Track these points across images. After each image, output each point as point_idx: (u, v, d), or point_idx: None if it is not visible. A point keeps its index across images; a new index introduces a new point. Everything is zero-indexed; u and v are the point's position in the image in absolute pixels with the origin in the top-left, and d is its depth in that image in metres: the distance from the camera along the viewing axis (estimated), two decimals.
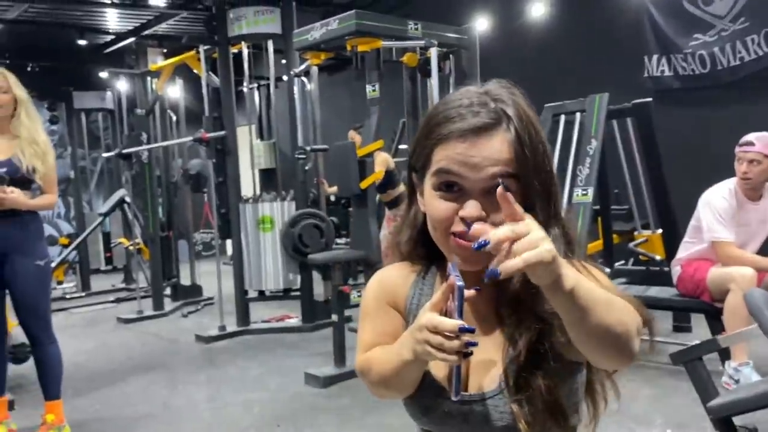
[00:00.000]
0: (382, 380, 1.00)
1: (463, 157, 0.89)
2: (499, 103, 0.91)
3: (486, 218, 0.88)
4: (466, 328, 0.81)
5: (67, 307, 7.29)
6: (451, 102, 0.93)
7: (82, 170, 10.30)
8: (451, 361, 0.82)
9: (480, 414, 0.93)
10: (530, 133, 0.90)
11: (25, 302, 3.14)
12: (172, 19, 8.21)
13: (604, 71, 6.07)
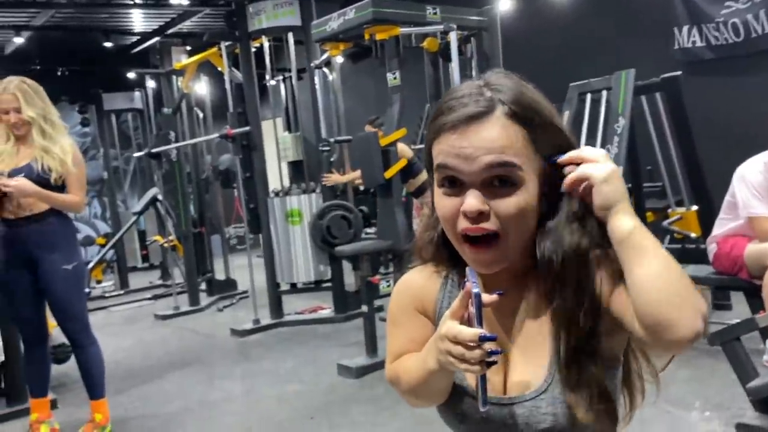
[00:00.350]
0: (411, 390, 0.98)
1: (456, 150, 0.85)
2: (495, 91, 0.87)
3: (488, 211, 0.84)
4: (487, 337, 0.77)
5: (107, 305, 7.46)
6: (449, 95, 0.90)
7: (116, 170, 10.49)
8: (473, 371, 0.79)
9: (521, 416, 0.89)
10: (533, 113, 0.87)
11: (58, 306, 3.20)
12: (195, 17, 8.28)
13: (631, 47, 5.92)
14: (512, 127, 0.85)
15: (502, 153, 0.84)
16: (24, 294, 3.17)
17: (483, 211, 0.84)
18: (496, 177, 0.85)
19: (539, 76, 0.95)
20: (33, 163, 3.07)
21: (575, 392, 0.86)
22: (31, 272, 3.15)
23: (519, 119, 0.85)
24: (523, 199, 0.85)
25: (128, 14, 8.56)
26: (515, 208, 0.85)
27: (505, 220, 0.85)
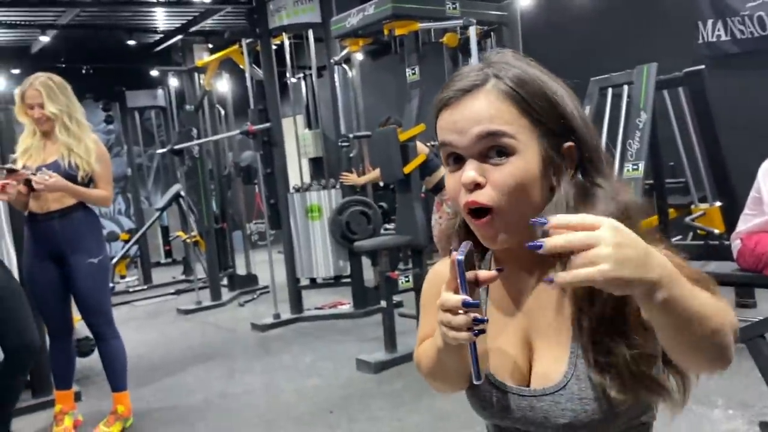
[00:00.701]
0: (429, 372, 0.99)
1: (450, 124, 0.86)
2: (492, 67, 0.87)
3: (484, 183, 0.83)
4: (470, 303, 0.76)
5: (130, 300, 7.56)
6: (453, 75, 0.91)
7: (139, 167, 10.64)
8: (461, 338, 0.78)
9: (540, 410, 0.87)
10: (532, 86, 0.85)
11: (84, 300, 3.25)
12: (217, 15, 8.35)
13: (654, 41, 5.84)
14: (502, 98, 0.84)
15: (490, 123, 0.83)
16: (50, 287, 3.22)
17: (478, 182, 0.83)
18: (490, 148, 0.84)
19: (559, 70, 0.94)
20: (60, 159, 3.13)
21: (602, 374, 0.81)
22: (57, 266, 3.21)
23: (511, 90, 0.84)
24: (518, 167, 0.83)
25: (151, 12, 8.67)
26: (510, 177, 0.83)
27: (501, 190, 0.83)
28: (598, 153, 0.88)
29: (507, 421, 0.92)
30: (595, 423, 0.84)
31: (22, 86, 3.16)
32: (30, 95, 3.11)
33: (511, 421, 0.91)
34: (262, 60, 5.78)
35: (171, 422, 3.50)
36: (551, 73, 0.90)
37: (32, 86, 3.11)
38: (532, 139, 0.84)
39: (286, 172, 5.81)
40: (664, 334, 0.75)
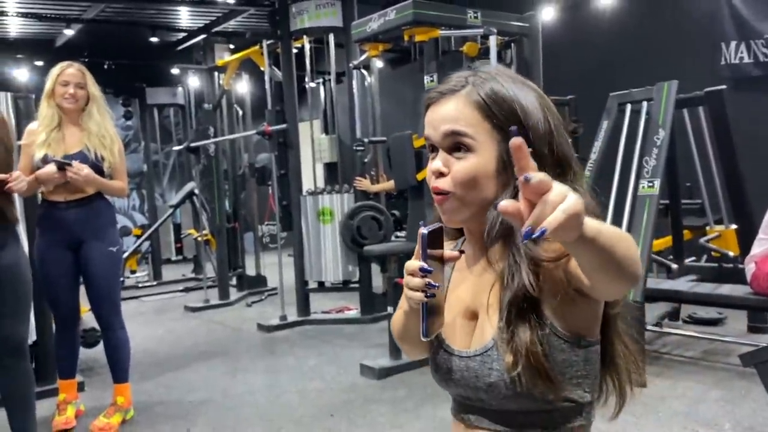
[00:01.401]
0: (398, 335, 1.14)
1: (429, 120, 1.02)
2: (475, 76, 1.01)
3: (447, 172, 0.98)
4: (425, 269, 0.91)
5: (139, 295, 7.60)
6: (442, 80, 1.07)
7: (155, 164, 10.70)
8: (416, 297, 0.92)
9: (473, 369, 1.00)
10: (498, 97, 0.97)
11: (99, 288, 3.26)
12: (239, 16, 8.42)
13: (676, 60, 5.82)
14: (471, 104, 0.98)
15: (454, 123, 0.98)
16: (63, 276, 3.23)
17: (442, 171, 0.99)
18: (455, 143, 0.99)
19: (579, 85, 1.01)
20: (85, 150, 3.15)
21: (509, 350, 0.94)
22: (73, 254, 3.22)
23: (480, 98, 0.98)
24: (473, 164, 0.97)
25: (176, 11, 8.76)
26: (465, 171, 0.98)
27: (457, 179, 0.98)
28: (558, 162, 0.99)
29: (451, 384, 1.04)
30: (515, 387, 0.94)
31: (58, 67, 3.18)
32: (71, 74, 3.15)
33: (454, 384, 1.03)
34: (281, 62, 5.81)
35: (172, 417, 3.50)
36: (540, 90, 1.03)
37: (74, 66, 3.18)
38: (491, 141, 0.98)
39: (299, 174, 5.82)
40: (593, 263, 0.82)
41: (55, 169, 3.02)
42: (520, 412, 0.97)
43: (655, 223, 3.78)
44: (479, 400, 1.01)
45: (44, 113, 3.17)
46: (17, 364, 2.71)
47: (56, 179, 3.05)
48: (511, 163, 0.89)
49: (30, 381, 2.79)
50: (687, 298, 4.08)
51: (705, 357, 4.06)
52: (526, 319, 0.93)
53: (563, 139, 1.01)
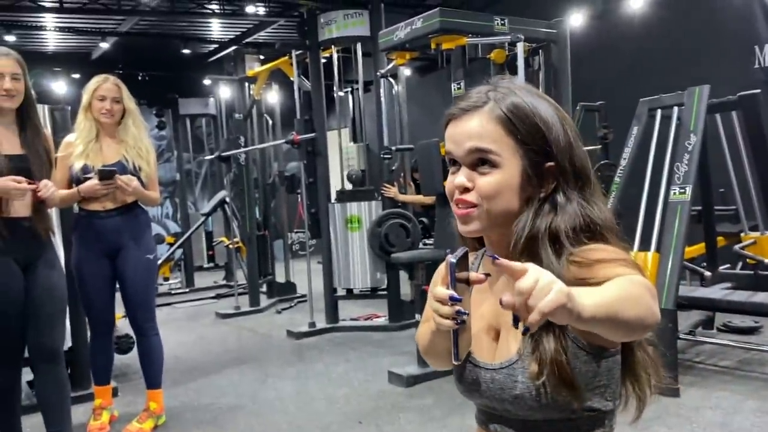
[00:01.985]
0: (425, 349, 1.17)
1: (452, 135, 1.04)
2: (495, 92, 1.03)
3: (472, 187, 1.01)
4: (455, 298, 0.91)
5: (172, 302, 7.71)
6: (461, 95, 1.11)
7: (188, 173, 10.87)
8: (446, 325, 0.92)
9: (498, 382, 1.02)
10: (521, 113, 1.00)
11: (135, 294, 3.32)
12: (269, 27, 8.54)
13: (708, 63, 5.72)
14: (494, 120, 1.01)
15: (479, 140, 1.00)
16: (101, 285, 3.30)
17: (467, 186, 1.01)
18: (479, 159, 1.01)
19: (609, 90, 1.03)
20: (123, 161, 3.22)
21: (534, 359, 0.96)
22: (110, 263, 3.28)
23: (503, 114, 1.00)
24: (497, 179, 1.00)
25: (207, 23, 8.93)
26: (490, 185, 1.00)
27: (482, 193, 1.01)
28: (577, 174, 1.03)
29: (476, 395, 1.06)
30: (541, 398, 0.96)
31: (95, 82, 3.25)
32: (108, 88, 3.22)
33: (479, 395, 1.06)
34: (310, 71, 5.88)
35: (202, 423, 3.54)
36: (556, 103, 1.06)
37: (110, 81, 3.25)
38: (514, 156, 1.00)
39: (328, 182, 5.86)
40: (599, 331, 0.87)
41: (97, 181, 3.09)
42: (545, 421, 1.00)
43: (687, 230, 3.71)
44: (505, 410, 1.03)
45: (82, 125, 3.25)
46: (53, 370, 2.77)
47: (98, 191, 3.12)
48: (534, 177, 1.02)
49: (65, 386, 2.85)
50: (721, 306, 4.00)
51: (740, 366, 3.97)
52: (549, 330, 0.94)
53: (582, 151, 1.05)
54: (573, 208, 1.01)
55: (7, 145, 2.69)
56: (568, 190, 1.02)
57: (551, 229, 0.99)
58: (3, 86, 2.64)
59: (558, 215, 1.00)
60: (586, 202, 1.03)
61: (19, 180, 2.60)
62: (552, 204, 1.02)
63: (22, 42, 8.59)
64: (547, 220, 1.00)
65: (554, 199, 1.02)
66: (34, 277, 2.73)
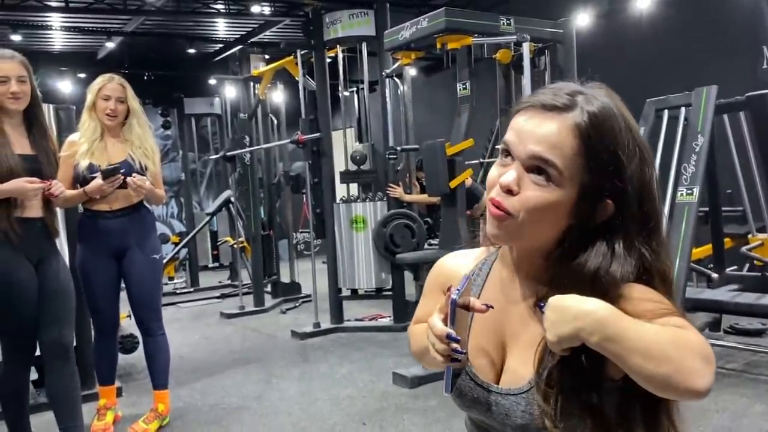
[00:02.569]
0: (415, 353, 1.15)
1: (518, 128, 0.91)
2: (585, 99, 0.89)
3: (517, 192, 0.89)
4: (452, 337, 0.87)
5: (177, 301, 7.72)
6: (551, 84, 0.96)
7: (193, 173, 10.90)
8: (439, 361, 0.89)
9: (503, 407, 0.95)
10: (605, 135, 0.87)
11: (141, 294, 3.32)
12: (275, 27, 8.54)
13: (716, 64, 5.68)
14: (572, 134, 0.87)
15: (548, 150, 0.87)
16: (106, 285, 3.29)
17: (512, 189, 0.89)
18: (537, 166, 0.88)
19: (615, 91, 0.96)
20: (129, 160, 3.21)
21: (548, 403, 0.87)
22: (115, 262, 3.28)
23: (583, 132, 0.87)
24: (549, 197, 0.88)
25: (213, 23, 8.93)
26: (538, 201, 0.88)
27: (526, 206, 0.88)
28: (645, 220, 0.91)
29: (474, 411, 1.00)
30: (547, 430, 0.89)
31: (99, 81, 3.24)
32: (113, 88, 3.21)
33: (477, 412, 0.99)
34: (315, 70, 5.86)
35: (206, 423, 3.54)
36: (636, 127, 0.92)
37: (114, 80, 3.24)
38: (575, 179, 0.88)
39: (333, 182, 5.85)
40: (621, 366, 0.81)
41: (102, 181, 3.08)
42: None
43: (695, 231, 3.69)
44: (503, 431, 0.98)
45: (86, 125, 3.23)
46: (66, 367, 2.80)
47: (104, 190, 3.11)
48: (586, 208, 0.89)
49: (77, 382, 2.87)
50: (728, 308, 3.97)
51: (747, 369, 3.94)
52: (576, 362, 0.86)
53: (654, 193, 0.92)
54: (632, 257, 0.89)
55: (18, 146, 2.72)
56: (630, 235, 0.90)
57: (602, 274, 0.87)
58: (9, 89, 2.68)
59: (613, 261, 0.88)
60: (649, 251, 0.90)
61: (32, 180, 2.66)
62: (609, 246, 0.89)
63: (29, 41, 8.62)
64: (597, 262, 0.88)
65: (612, 242, 0.89)
66: (46, 275, 2.77)
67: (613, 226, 0.90)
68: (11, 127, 2.73)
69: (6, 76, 2.68)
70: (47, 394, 2.88)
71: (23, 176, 2.64)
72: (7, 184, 2.61)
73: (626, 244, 0.89)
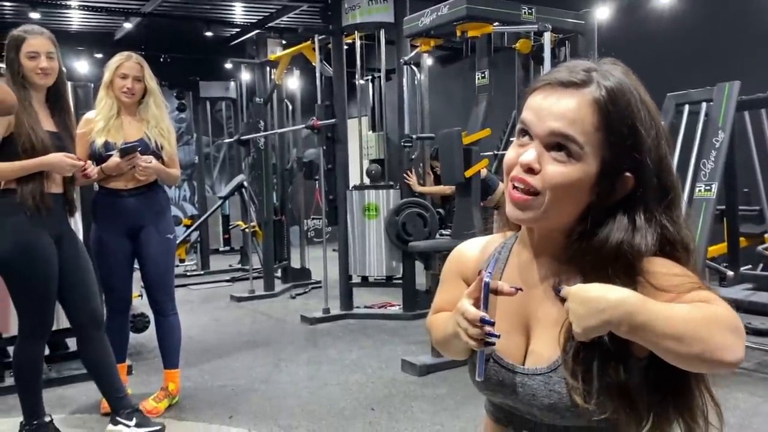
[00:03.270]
0: (437, 343, 1.09)
1: (536, 107, 0.90)
2: (601, 74, 0.90)
3: (538, 170, 0.89)
4: (486, 320, 0.87)
5: (187, 283, 7.76)
6: (565, 63, 0.96)
7: (207, 156, 10.91)
8: (472, 346, 0.89)
9: (530, 388, 0.94)
10: (623, 108, 0.88)
11: (155, 274, 3.33)
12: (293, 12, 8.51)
13: (739, 60, 5.61)
14: (591, 109, 0.87)
15: (568, 125, 0.87)
16: (120, 263, 3.30)
17: (533, 167, 0.89)
18: (557, 144, 0.88)
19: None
20: (146, 139, 3.21)
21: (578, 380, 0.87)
22: (130, 241, 3.29)
23: (602, 106, 0.87)
24: (572, 172, 0.88)
25: (230, 6, 8.91)
26: (561, 177, 0.88)
27: (549, 183, 0.88)
28: (664, 191, 0.92)
29: (499, 395, 0.99)
30: (576, 410, 0.89)
31: (117, 59, 3.23)
32: (130, 67, 3.21)
33: (503, 395, 0.98)
34: (332, 57, 5.84)
35: (214, 404, 3.55)
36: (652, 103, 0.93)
37: (132, 59, 3.23)
38: (597, 154, 0.88)
39: (346, 169, 5.84)
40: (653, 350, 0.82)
41: (119, 159, 3.08)
42: (571, 427, 0.94)
43: (711, 228, 3.65)
44: (530, 414, 0.97)
45: (103, 102, 3.24)
46: (101, 336, 2.93)
47: (121, 168, 3.12)
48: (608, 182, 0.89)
49: (110, 349, 2.98)
50: (742, 307, 3.93)
51: (759, 369, 3.91)
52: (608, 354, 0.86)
53: (671, 166, 0.93)
54: (653, 229, 0.90)
55: (45, 122, 2.75)
56: (651, 207, 0.90)
57: (625, 247, 0.88)
58: (39, 65, 2.70)
59: (636, 234, 0.88)
60: (670, 221, 0.91)
61: (71, 156, 2.73)
62: (630, 219, 0.89)
63: (47, 20, 8.62)
64: (620, 235, 0.88)
65: (632, 215, 0.89)
66: (69, 250, 2.85)
67: (633, 200, 0.90)
68: (38, 103, 2.76)
69: (36, 51, 2.70)
70: (86, 365, 3.00)
71: (53, 152, 2.68)
72: (48, 157, 2.67)
73: (647, 216, 0.90)
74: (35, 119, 2.69)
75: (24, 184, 2.66)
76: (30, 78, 2.72)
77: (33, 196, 2.66)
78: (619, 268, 0.86)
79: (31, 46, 2.70)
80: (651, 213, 0.90)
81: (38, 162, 2.65)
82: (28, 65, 2.71)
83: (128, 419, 2.94)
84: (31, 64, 2.70)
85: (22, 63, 2.70)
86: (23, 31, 2.75)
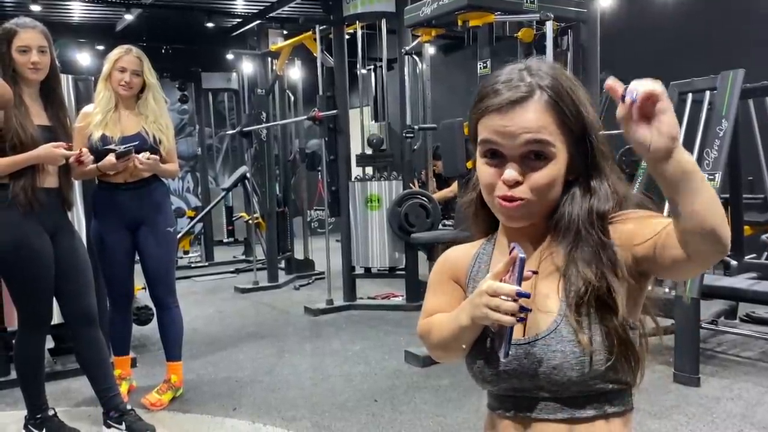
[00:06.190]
0: (440, 343, 1.12)
1: (500, 128, 0.98)
2: (535, 77, 0.99)
3: (523, 181, 0.98)
4: (523, 293, 0.90)
5: (191, 275, 7.78)
6: (493, 78, 1.02)
7: (209, 148, 10.90)
8: (505, 321, 0.91)
9: (534, 356, 1.00)
10: (567, 100, 0.98)
11: (157, 267, 3.34)
12: (294, 2, 8.46)
13: (743, 48, 5.56)
14: (548, 110, 0.97)
15: (538, 132, 0.97)
16: (121, 257, 3.31)
17: (518, 180, 0.98)
18: (532, 152, 0.98)
19: (638, 73, 0.99)
20: (143, 133, 3.21)
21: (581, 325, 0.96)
22: (130, 235, 3.30)
23: (553, 105, 0.98)
24: (553, 171, 0.99)
25: None
26: (546, 179, 0.98)
27: (535, 188, 0.98)
28: (604, 152, 1.03)
29: (505, 378, 1.02)
30: (581, 366, 0.96)
31: (116, 52, 3.22)
32: (129, 60, 3.20)
33: (508, 377, 1.01)
34: (333, 47, 5.81)
35: (218, 395, 3.57)
36: (573, 76, 1.04)
37: (132, 53, 3.22)
38: (564, 145, 0.99)
39: (349, 160, 5.83)
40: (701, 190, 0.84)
41: (115, 160, 3.08)
42: (579, 396, 0.99)
43: None
44: (535, 387, 1.01)
45: (101, 95, 3.23)
46: (93, 334, 2.89)
47: (117, 167, 3.12)
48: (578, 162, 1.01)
49: (104, 347, 2.96)
50: (746, 296, 3.92)
51: (763, 358, 3.91)
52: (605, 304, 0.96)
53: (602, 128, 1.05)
54: (606, 188, 1.02)
55: (37, 117, 2.72)
56: (595, 171, 1.03)
57: (592, 211, 1.00)
58: (30, 59, 2.68)
59: (594, 197, 1.01)
60: (617, 178, 1.03)
61: (59, 145, 2.69)
62: (586, 186, 1.02)
63: (47, 12, 8.59)
64: (586, 203, 1.01)
65: (587, 181, 1.02)
66: (64, 248, 2.82)
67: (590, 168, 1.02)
68: (29, 98, 2.74)
69: (27, 45, 2.68)
70: (78, 362, 2.97)
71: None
72: (37, 150, 2.64)
73: (601, 179, 1.02)
74: (24, 114, 2.66)
75: (16, 180, 2.64)
76: (21, 72, 2.69)
77: (25, 191, 2.64)
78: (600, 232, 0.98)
79: (22, 40, 2.68)
80: (602, 175, 1.02)
81: (27, 156, 2.62)
82: (19, 59, 2.68)
83: (118, 423, 2.93)
84: (23, 58, 2.68)
85: (13, 57, 2.68)
86: (15, 24, 2.71)
